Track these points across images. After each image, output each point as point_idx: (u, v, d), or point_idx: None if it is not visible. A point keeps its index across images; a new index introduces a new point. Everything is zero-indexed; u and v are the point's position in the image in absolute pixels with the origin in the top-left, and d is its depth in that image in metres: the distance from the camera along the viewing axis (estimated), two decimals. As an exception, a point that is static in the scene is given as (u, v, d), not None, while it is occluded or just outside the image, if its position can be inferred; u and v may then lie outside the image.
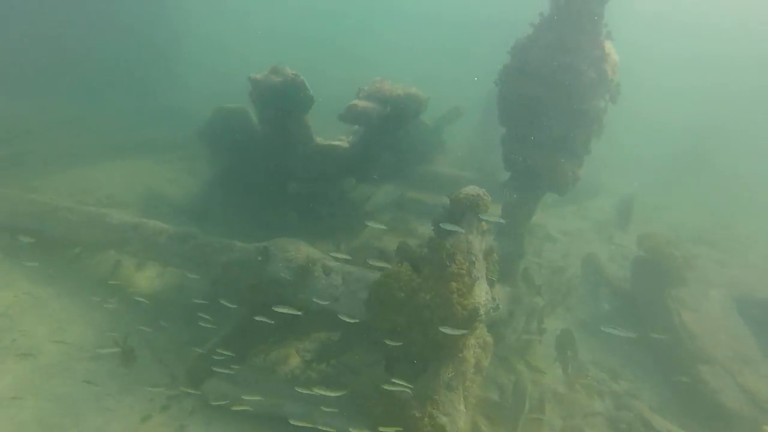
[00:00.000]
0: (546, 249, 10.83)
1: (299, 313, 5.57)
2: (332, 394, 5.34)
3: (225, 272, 6.60)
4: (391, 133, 7.52)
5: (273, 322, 6.20)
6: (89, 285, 7.94)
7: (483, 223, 5.62)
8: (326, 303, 5.81)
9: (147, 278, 8.41)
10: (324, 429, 5.36)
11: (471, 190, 5.56)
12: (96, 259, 8.01)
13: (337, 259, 6.14)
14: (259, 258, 6.22)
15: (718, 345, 7.04)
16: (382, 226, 6.18)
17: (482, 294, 5.24)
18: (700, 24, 44.81)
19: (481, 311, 5.08)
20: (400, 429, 4.95)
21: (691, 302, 7.73)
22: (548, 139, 6.44)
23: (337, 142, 7.23)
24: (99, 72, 16.82)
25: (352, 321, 5.28)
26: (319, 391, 5.38)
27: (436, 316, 5.10)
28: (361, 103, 6.62)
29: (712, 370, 6.80)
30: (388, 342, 5.30)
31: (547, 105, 6.17)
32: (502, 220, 5.86)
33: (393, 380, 5.09)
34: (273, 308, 5.58)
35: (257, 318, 6.23)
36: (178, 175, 13.01)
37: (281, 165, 8.07)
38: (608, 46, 5.89)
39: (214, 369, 6.50)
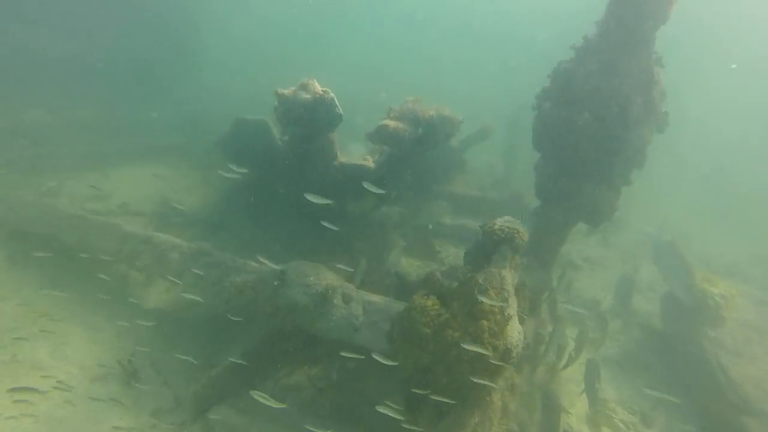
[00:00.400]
0: (571, 277, 10.37)
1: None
2: None
3: (238, 294, 6.30)
4: (419, 155, 7.23)
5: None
6: (96, 300, 7.69)
7: (516, 257, 5.26)
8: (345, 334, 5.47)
9: (156, 294, 8.15)
10: None
11: (507, 221, 5.21)
12: (105, 272, 7.78)
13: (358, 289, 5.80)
14: (276, 282, 5.90)
15: (765, 395, 6.53)
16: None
17: (515, 334, 4.86)
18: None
19: (514, 353, 4.69)
20: None
21: (731, 346, 7.24)
22: (587, 168, 6.08)
23: (361, 162, 6.93)
24: (118, 71, 16.67)
25: (387, 362, 4.92)
26: None
27: (464, 357, 4.72)
28: (393, 124, 6.33)
29: (761, 423, 6.28)
30: (411, 383, 4.93)
31: (589, 132, 5.83)
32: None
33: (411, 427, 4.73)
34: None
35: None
36: (195, 183, 12.83)
37: (302, 182, 7.81)
38: (657, 72, 5.55)
39: (222, 396, 6.19)
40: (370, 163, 6.91)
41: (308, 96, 5.85)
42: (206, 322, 7.81)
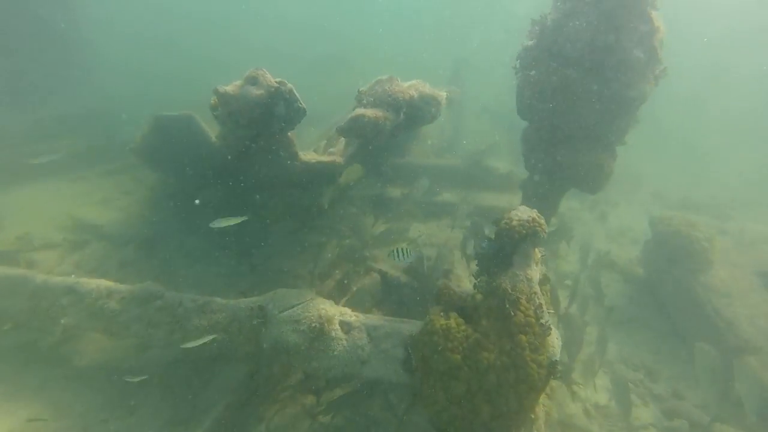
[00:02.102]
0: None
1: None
2: None
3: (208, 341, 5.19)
4: (395, 141, 6.28)
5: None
6: (17, 373, 6.19)
7: (537, 251, 4.66)
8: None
9: (90, 349, 6.73)
10: None
11: (524, 214, 4.54)
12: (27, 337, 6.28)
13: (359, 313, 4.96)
14: (255, 322, 4.88)
15: (759, 332, 6.74)
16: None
17: (555, 342, 4.33)
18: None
19: (559, 365, 4.17)
20: None
21: (720, 287, 7.41)
22: (585, 133, 5.52)
23: (327, 158, 5.81)
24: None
25: None
26: None
27: (504, 380, 4.13)
28: (370, 113, 5.23)
29: (761, 360, 6.51)
30: (443, 415, 4.29)
31: (588, 93, 5.21)
32: None
33: None
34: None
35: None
36: (108, 194, 10.86)
37: (254, 186, 6.62)
38: (655, 17, 4.96)
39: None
40: (338, 157, 5.85)
41: (260, 91, 4.58)
42: (166, 370, 6.63)
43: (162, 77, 20.93)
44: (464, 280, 8.03)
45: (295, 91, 4.68)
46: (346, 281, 7.43)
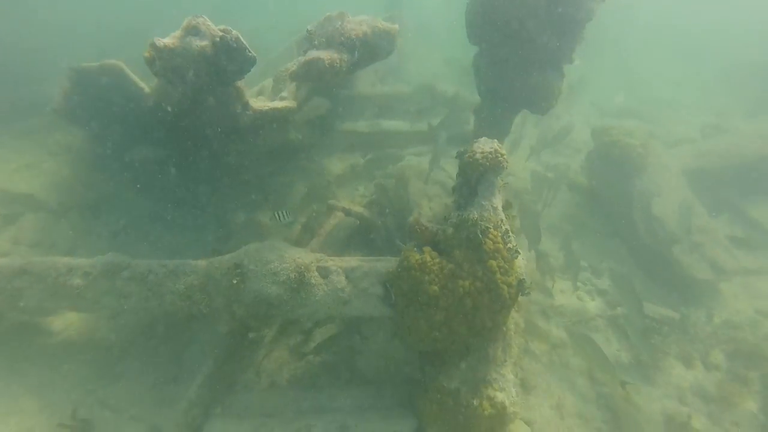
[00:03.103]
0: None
1: None
2: None
3: (186, 301, 5.23)
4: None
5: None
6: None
7: (500, 179, 4.90)
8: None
9: (61, 325, 6.55)
10: None
11: (486, 146, 4.70)
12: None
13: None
14: (235, 281, 4.94)
15: (682, 223, 7.66)
16: None
17: (521, 263, 4.74)
18: None
19: (527, 282, 4.62)
20: None
21: (653, 188, 8.18)
22: (537, 54, 5.60)
23: (281, 105, 5.48)
24: None
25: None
26: None
27: (479, 303, 4.55)
28: (325, 55, 4.87)
29: (682, 248, 7.50)
30: (426, 341, 4.72)
31: (540, 12, 5.20)
32: None
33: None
34: None
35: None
36: (33, 158, 9.84)
37: (202, 141, 6.29)
38: (599, -71, 4.90)
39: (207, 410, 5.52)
40: (290, 102, 5.56)
41: (204, 42, 4.13)
42: (144, 333, 6.65)
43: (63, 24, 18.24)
44: (424, 207, 8.34)
45: (242, 39, 4.29)
46: (311, 224, 7.51)
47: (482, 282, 4.56)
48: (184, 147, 6.42)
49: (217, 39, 4.21)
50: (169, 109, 5.98)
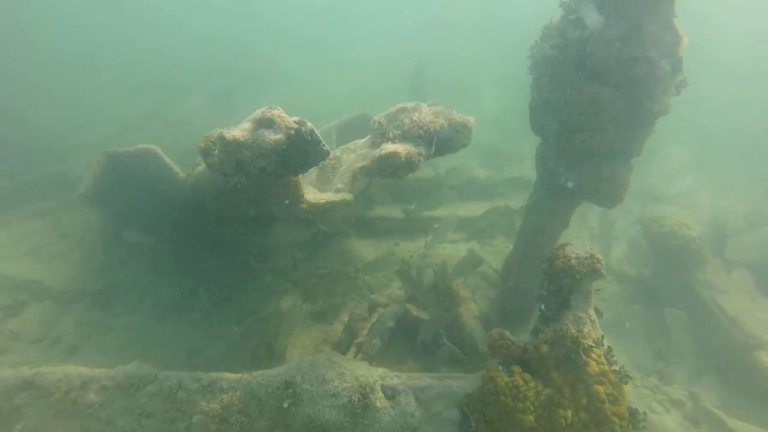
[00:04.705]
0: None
1: None
2: None
3: (222, 428, 4.45)
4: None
5: None
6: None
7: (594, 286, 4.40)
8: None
9: None
10: None
11: (580, 250, 4.25)
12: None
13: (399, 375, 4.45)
14: (286, 405, 4.22)
15: (762, 325, 7.05)
16: None
17: (629, 389, 4.08)
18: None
19: (640, 414, 3.93)
20: None
21: (718, 284, 7.69)
22: (605, 148, 5.37)
23: (337, 198, 5.11)
24: None
25: None
26: None
27: (584, 435, 3.83)
28: (403, 150, 4.61)
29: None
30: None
31: (615, 108, 5.03)
32: None
33: None
34: None
35: None
36: (40, 240, 9.33)
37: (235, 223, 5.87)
38: (677, 25, 4.86)
39: None
40: (347, 195, 5.21)
41: (278, 136, 3.83)
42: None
43: (78, 99, 18.83)
44: (470, 302, 7.73)
45: (316, 131, 4.01)
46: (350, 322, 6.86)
47: (588, 413, 3.88)
48: (206, 234, 5.99)
49: (292, 132, 3.91)
50: (208, 198, 5.61)
